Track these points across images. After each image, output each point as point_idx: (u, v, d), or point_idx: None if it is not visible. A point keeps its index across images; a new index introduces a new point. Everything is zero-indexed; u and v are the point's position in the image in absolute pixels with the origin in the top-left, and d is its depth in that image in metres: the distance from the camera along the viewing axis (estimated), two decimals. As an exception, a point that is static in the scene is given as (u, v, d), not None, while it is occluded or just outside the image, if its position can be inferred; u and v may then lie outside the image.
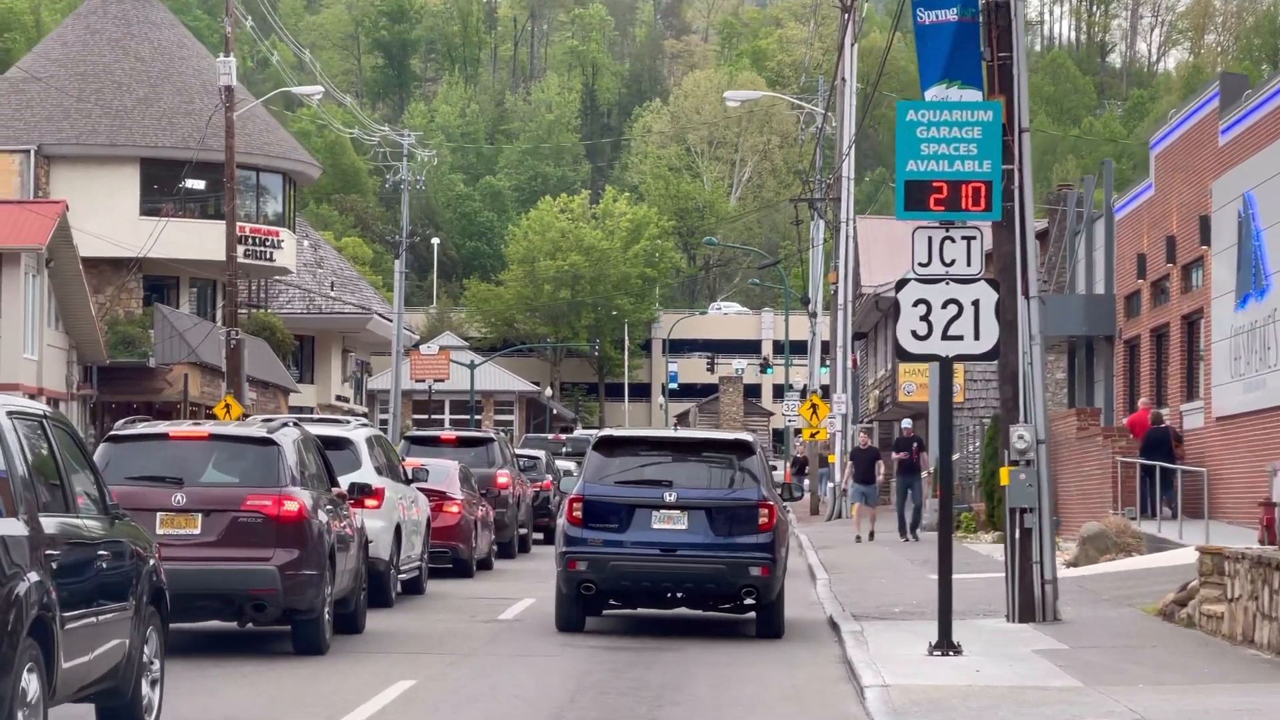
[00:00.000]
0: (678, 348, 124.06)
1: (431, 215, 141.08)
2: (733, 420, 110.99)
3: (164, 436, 18.70)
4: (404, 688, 16.38)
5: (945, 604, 18.73)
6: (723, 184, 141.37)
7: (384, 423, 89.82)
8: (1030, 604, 21.53)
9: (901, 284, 18.78)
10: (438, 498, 30.74)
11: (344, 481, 21.81)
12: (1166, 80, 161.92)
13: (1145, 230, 39.18)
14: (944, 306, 18.62)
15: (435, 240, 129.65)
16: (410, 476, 26.47)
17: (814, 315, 64.82)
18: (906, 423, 41.72)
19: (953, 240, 18.72)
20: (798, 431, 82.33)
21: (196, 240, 63.31)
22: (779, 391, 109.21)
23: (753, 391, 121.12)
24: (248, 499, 18.16)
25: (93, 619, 12.54)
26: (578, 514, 20.69)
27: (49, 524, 11.80)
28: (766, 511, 20.75)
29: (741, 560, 20.47)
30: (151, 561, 14.11)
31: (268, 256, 69.24)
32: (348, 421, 24.99)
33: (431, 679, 17.14)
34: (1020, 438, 21.38)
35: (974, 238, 18.74)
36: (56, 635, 11.68)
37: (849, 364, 51.89)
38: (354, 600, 20.51)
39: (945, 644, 18.57)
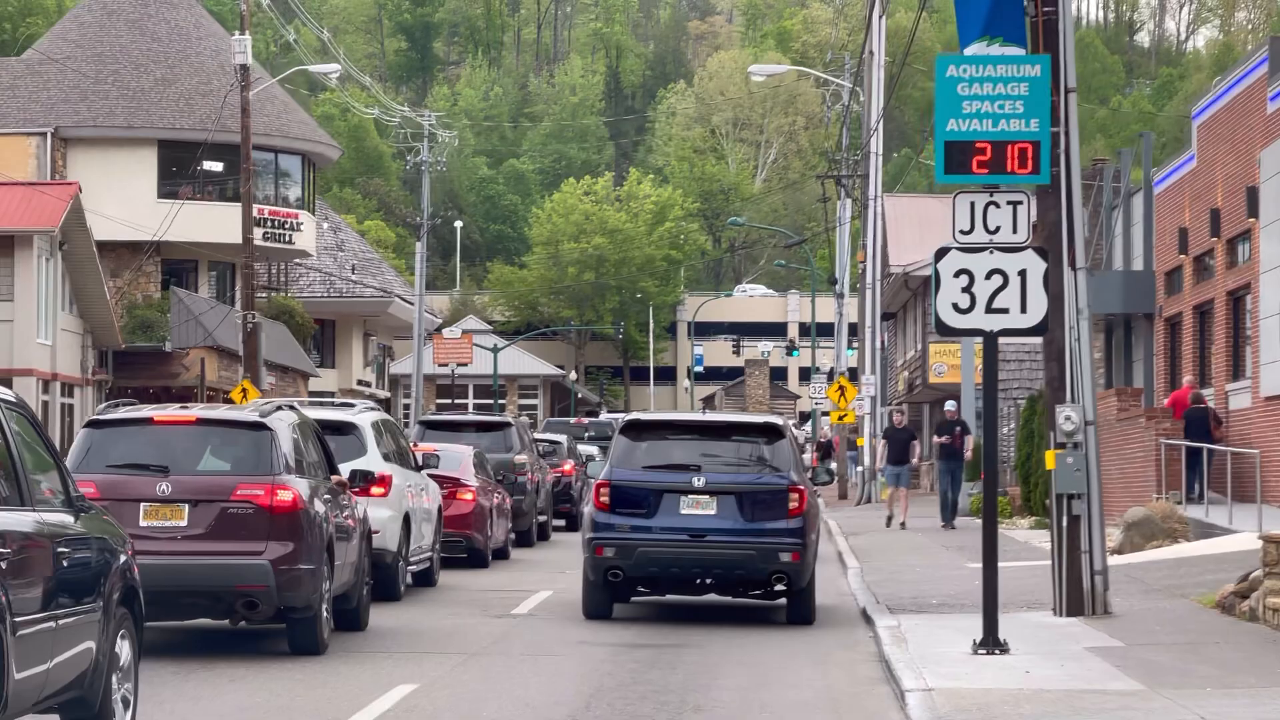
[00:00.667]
0: (703, 330, 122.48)
1: (455, 199, 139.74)
2: (759, 403, 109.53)
3: (148, 421, 17.29)
4: (403, 693, 14.97)
5: (991, 598, 17.27)
6: (748, 166, 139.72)
7: (407, 407, 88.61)
8: (1079, 596, 20.05)
9: (941, 253, 17.29)
10: (451, 485, 29.46)
11: (349, 469, 20.43)
12: (1196, 58, 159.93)
13: (1187, 204, 37.62)
14: (988, 277, 17.14)
15: (458, 223, 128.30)
16: (420, 463, 25.05)
17: (841, 296, 63.27)
18: (950, 405, 39.39)
19: (997, 205, 17.24)
20: (825, 414, 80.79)
21: (215, 223, 62.09)
22: (805, 374, 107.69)
23: (779, 374, 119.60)
24: (238, 488, 16.77)
25: (51, 623, 11.20)
26: (605, 499, 20.20)
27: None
28: (797, 496, 20.19)
29: (772, 546, 19.96)
30: (123, 557, 12.72)
31: (287, 239, 68.11)
32: (353, 405, 23.55)
33: (434, 683, 15.72)
34: (1067, 419, 19.90)
35: (1020, 203, 17.26)
36: (6, 642, 10.34)
37: (877, 345, 50.34)
38: (356, 595, 19.11)
39: (991, 642, 17.12)
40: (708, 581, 20.39)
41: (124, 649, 12.51)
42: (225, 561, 16.63)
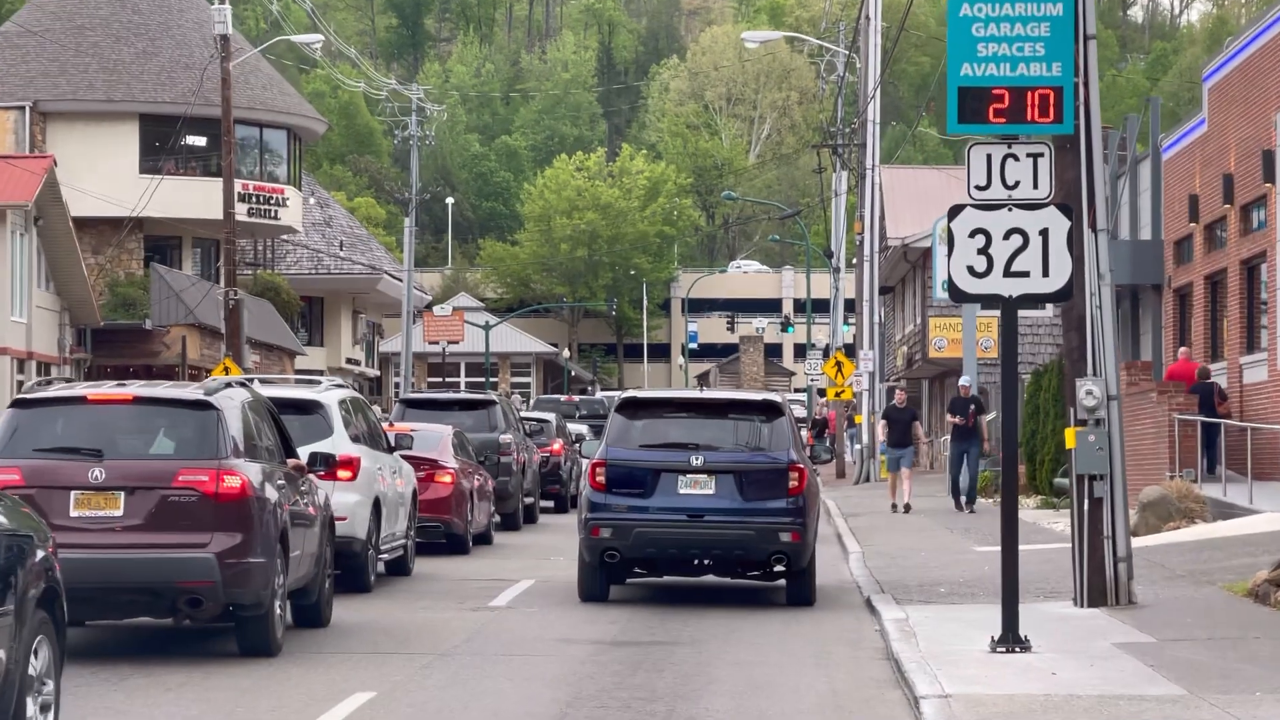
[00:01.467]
0: (697, 307, 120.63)
1: (447, 175, 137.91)
2: (754, 380, 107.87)
3: (81, 400, 15.57)
4: (359, 702, 13.29)
5: (1011, 590, 15.60)
6: (741, 141, 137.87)
7: (398, 385, 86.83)
8: (1101, 585, 18.39)
9: (955, 211, 15.60)
10: (428, 466, 27.81)
11: (311, 451, 18.71)
12: (1190, 32, 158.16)
13: (1198, 170, 35.91)
14: (1006, 237, 15.45)
15: (450, 200, 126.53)
16: (393, 444, 23.32)
17: (837, 270, 61.57)
18: (965, 380, 36.03)
19: (1016, 158, 15.53)
20: (821, 391, 79.04)
21: (199, 198, 60.46)
22: (800, 351, 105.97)
23: (774, 351, 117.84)
24: (180, 474, 15.08)
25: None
26: (601, 479, 19.71)
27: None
28: (797, 475, 19.70)
29: (771, 525, 19.46)
30: (41, 553, 11.07)
31: (272, 215, 66.56)
32: (318, 382, 21.81)
33: (395, 689, 14.03)
34: (1089, 393, 18.23)
35: (1041, 155, 15.56)
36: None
37: (876, 319, 48.64)
38: (316, 589, 17.43)
39: (1011, 639, 15.45)
40: (706, 563, 19.87)
41: (42, 657, 10.87)
42: (165, 555, 14.94)
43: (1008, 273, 15.40)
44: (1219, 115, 34.61)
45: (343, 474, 20.30)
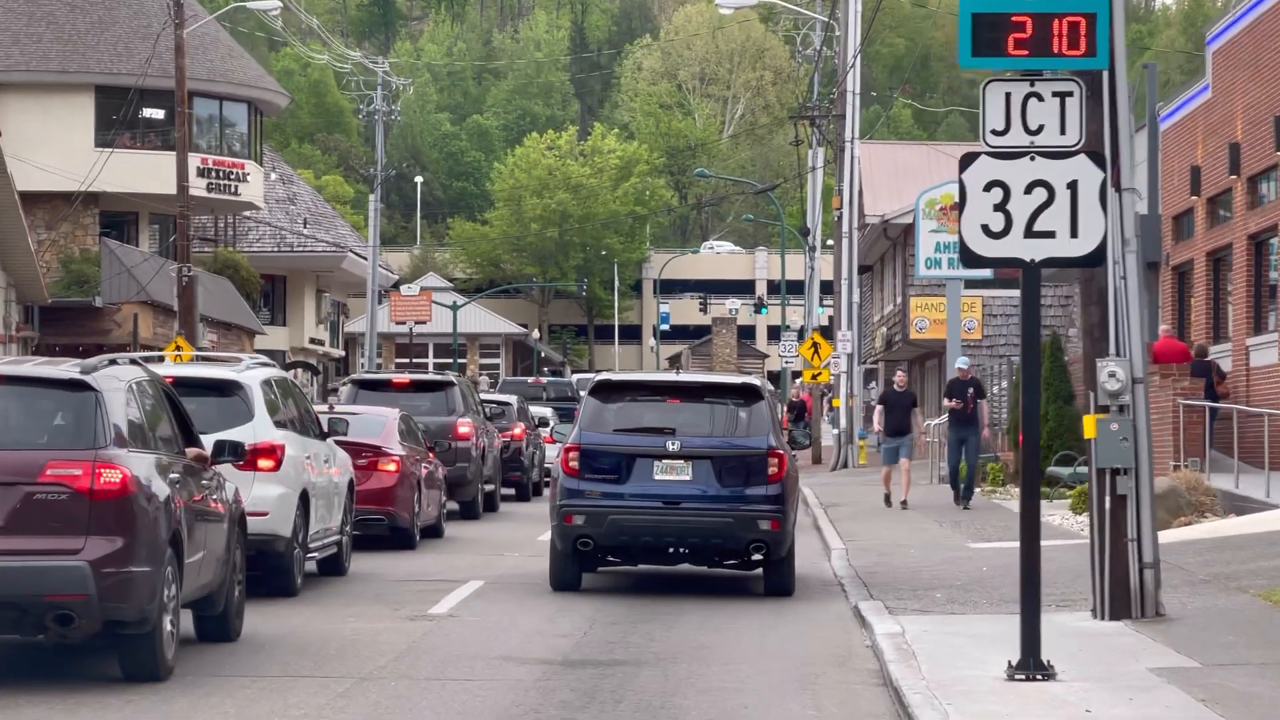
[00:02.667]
0: (669, 288, 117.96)
1: (418, 155, 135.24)
2: (726, 363, 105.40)
3: (-68, 379, 13.04)
4: (249, 748, 10.80)
5: (1032, 606, 13.13)
6: (715, 122, 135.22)
7: (364, 366, 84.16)
8: (1124, 595, 15.96)
9: (968, 160, 13.09)
10: (371, 454, 25.24)
11: (223, 438, 16.16)
12: (1165, 14, 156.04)
13: (1200, 139, 33.45)
14: (1028, 191, 12.96)
15: (419, 179, 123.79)
16: (327, 429, 20.77)
17: (813, 249, 59.10)
18: (962, 361, 31.83)
19: (1040, 98, 13.03)
20: (796, 374, 76.62)
21: (156, 173, 57.80)
22: (774, 333, 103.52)
23: (747, 333, 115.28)
24: (49, 466, 12.55)
25: None
26: (574, 464, 19.00)
27: None
28: (776, 461, 18.93)
29: (750, 513, 18.75)
30: None
31: (233, 190, 64.04)
32: (239, 360, 19.24)
33: (297, 728, 11.54)
34: (1112, 376, 15.82)
35: (1069, 94, 13.06)
36: None
37: (854, 298, 46.19)
38: (223, 598, 14.90)
39: (1032, 664, 12.99)
40: (682, 551, 19.19)
41: None
42: (29, 564, 12.42)
43: (1030, 233, 12.92)
44: (1224, 80, 32.17)
45: (264, 463, 17.82)
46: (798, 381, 74.94)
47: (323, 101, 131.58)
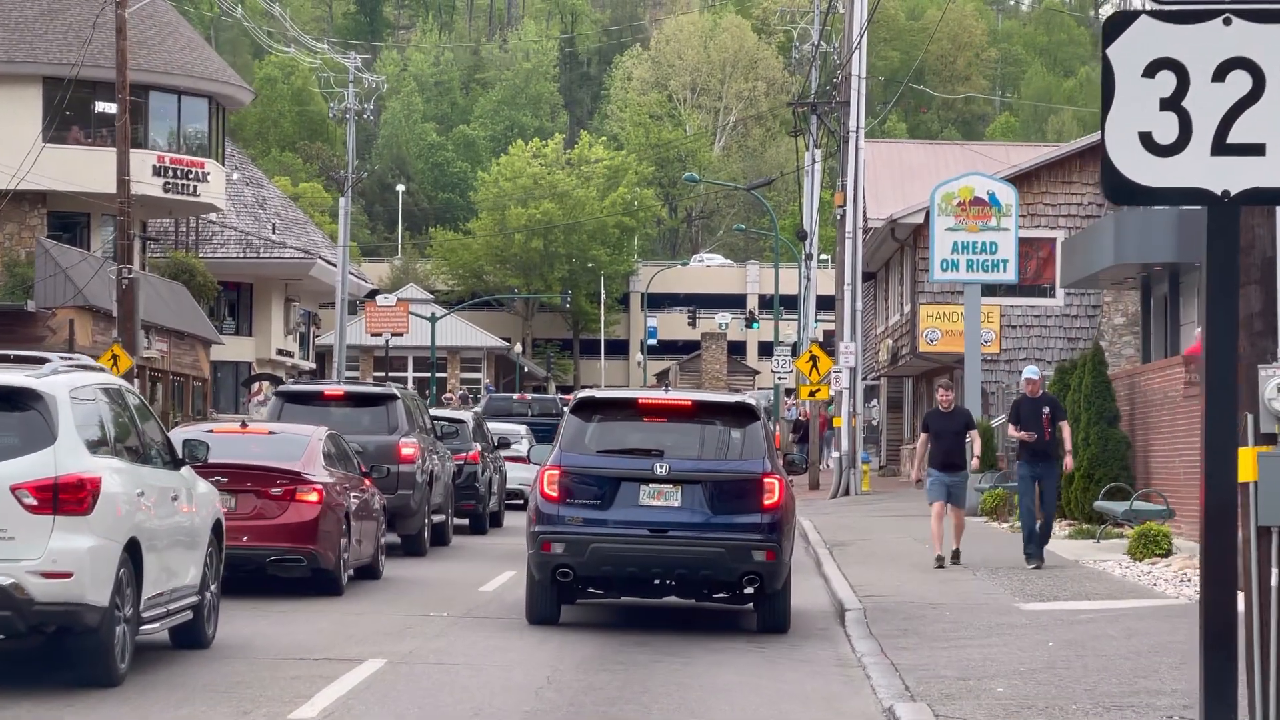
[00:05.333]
0: (657, 302, 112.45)
1: (403, 165, 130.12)
2: (715, 379, 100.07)
3: None
4: None
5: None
6: (705, 133, 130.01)
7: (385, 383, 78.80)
8: (1295, 711, 10.62)
9: (1116, 27, 7.80)
10: (287, 481, 20.60)
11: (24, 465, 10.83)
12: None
13: None
14: (1219, 77, 7.67)
15: (400, 187, 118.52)
16: (181, 455, 15.36)
17: (810, 257, 53.82)
18: (1031, 371, 23.72)
19: (1234, -71, 7.76)
20: (789, 391, 71.32)
21: (109, 171, 52.59)
22: (766, 349, 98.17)
23: (737, 349, 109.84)
24: None
25: None
26: (553, 489, 17.37)
27: None
28: (772, 487, 17.24)
29: (743, 543, 17.10)
30: None
31: (191, 190, 59.07)
32: (44, 361, 13.81)
33: None
34: (1280, 390, 10.51)
35: (1281, -76, 7.78)
36: None
37: (858, 305, 40.83)
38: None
39: None
40: (669, 583, 17.48)
41: None
42: None
43: (1222, 146, 7.62)
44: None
45: (68, 504, 12.47)
46: (788, 399, 69.59)
47: (306, 110, 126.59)
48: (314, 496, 20.84)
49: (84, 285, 47.34)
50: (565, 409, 19.05)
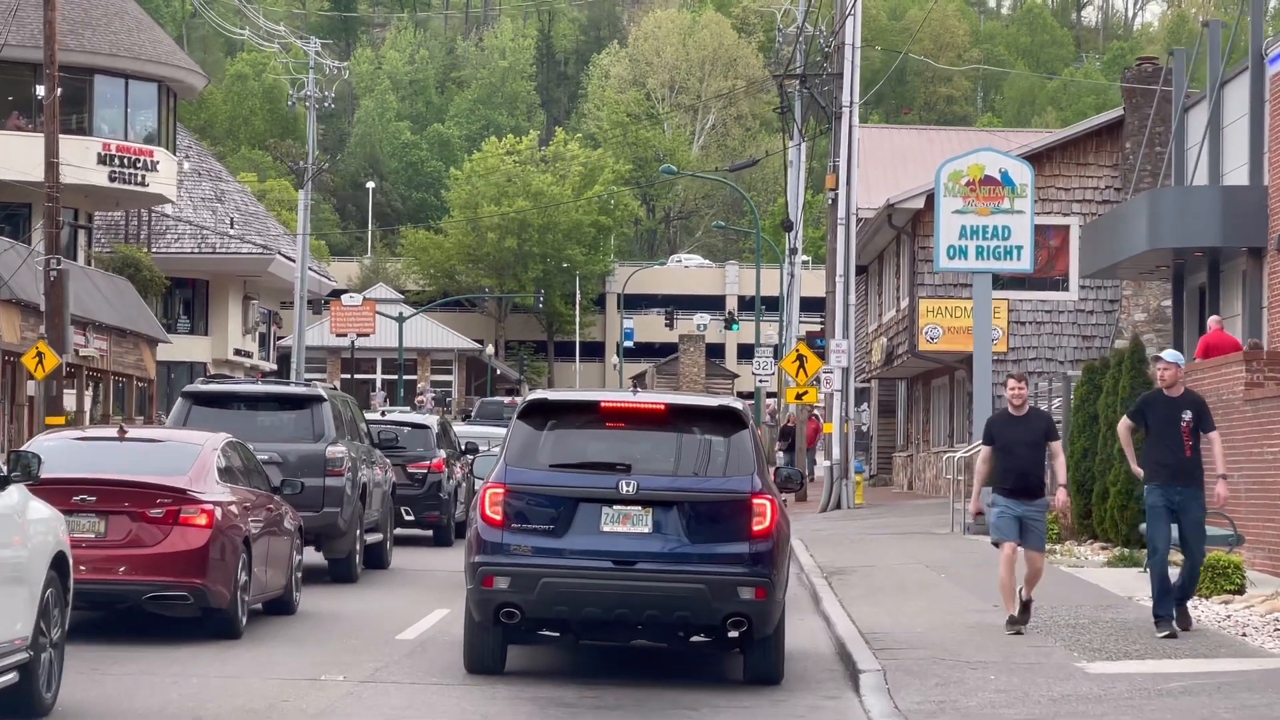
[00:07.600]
0: (634, 303, 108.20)
1: (376, 164, 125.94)
2: (693, 382, 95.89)
3: None
4: None
5: None
6: (684, 132, 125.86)
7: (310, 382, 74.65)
8: None
9: None
10: (170, 500, 16.71)
11: None
12: (1146, 31, 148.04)
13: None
14: None
15: (370, 184, 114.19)
16: (6, 471, 11.07)
17: (795, 250, 49.64)
18: (1171, 354, 16.32)
19: None
20: (770, 394, 67.14)
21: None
22: (745, 351, 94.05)
23: (715, 351, 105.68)
24: None
25: None
26: (497, 511, 14.09)
27: None
28: (763, 509, 13.97)
29: (728, 577, 13.81)
30: None
31: (139, 180, 55.15)
32: None
33: None
34: None
35: None
36: None
37: (850, 299, 36.63)
38: None
39: None
40: (638, 626, 14.21)
41: None
42: None
43: None
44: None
45: None
46: (769, 401, 65.49)
47: (277, 108, 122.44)
48: (203, 519, 16.92)
49: (10, 277, 43.12)
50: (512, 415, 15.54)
